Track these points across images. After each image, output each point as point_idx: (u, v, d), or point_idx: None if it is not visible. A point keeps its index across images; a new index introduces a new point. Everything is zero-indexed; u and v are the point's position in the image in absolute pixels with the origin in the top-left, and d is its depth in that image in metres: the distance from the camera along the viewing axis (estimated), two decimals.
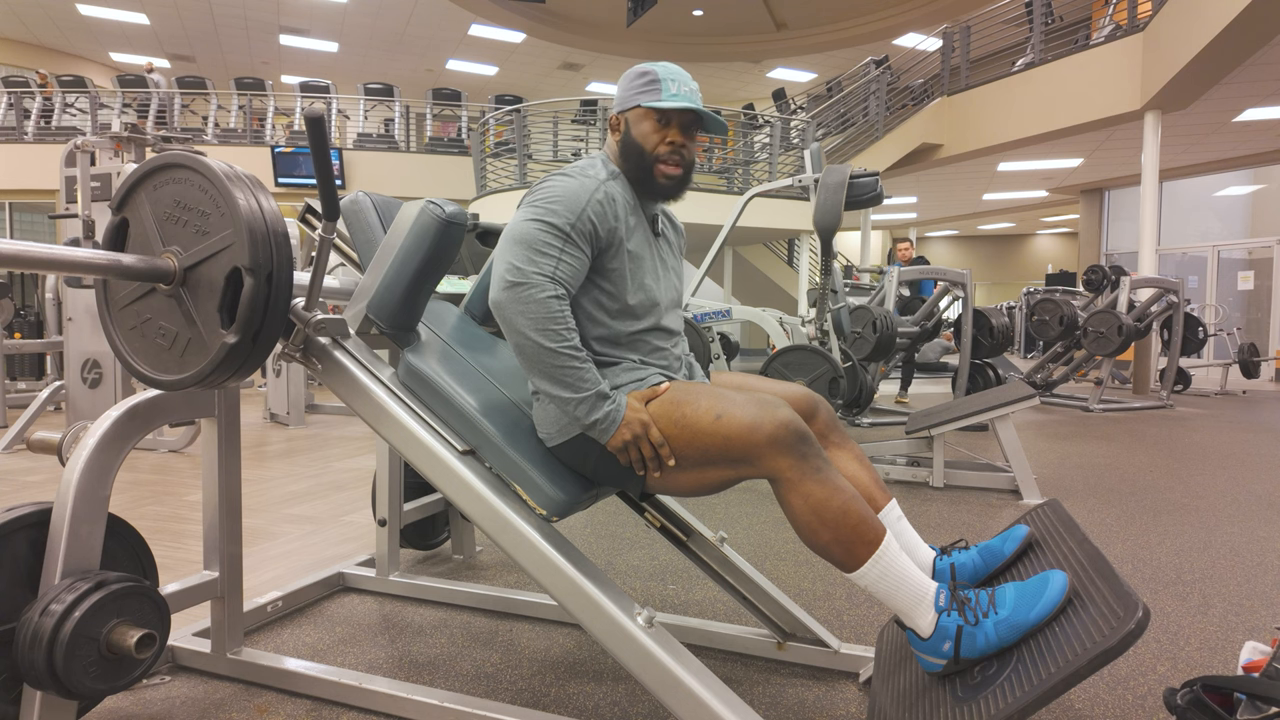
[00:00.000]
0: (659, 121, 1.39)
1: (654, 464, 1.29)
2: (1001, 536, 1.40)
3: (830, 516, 1.19)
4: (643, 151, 1.40)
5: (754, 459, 1.22)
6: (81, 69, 14.08)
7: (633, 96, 1.41)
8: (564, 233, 1.29)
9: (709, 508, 3.17)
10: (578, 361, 1.26)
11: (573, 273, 1.31)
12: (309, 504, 3.19)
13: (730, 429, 1.22)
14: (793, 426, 1.21)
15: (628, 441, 1.27)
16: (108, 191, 4.09)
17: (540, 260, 1.27)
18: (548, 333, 1.25)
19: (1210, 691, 1.24)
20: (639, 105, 1.40)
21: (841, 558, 1.21)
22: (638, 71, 1.42)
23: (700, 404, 1.27)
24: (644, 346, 1.42)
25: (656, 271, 1.45)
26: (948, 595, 1.22)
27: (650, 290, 1.42)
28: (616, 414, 1.27)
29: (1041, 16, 9.40)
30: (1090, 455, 4.47)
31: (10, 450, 4.31)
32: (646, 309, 1.42)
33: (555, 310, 1.26)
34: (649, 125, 1.40)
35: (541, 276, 1.26)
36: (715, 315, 5.17)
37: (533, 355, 1.26)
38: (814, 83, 15.17)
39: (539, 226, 1.29)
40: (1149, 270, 8.56)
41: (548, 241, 1.28)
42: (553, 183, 1.35)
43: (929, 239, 21.46)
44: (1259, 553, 2.59)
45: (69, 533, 1.28)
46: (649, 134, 1.40)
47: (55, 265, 1.15)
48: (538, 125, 11.35)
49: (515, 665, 1.73)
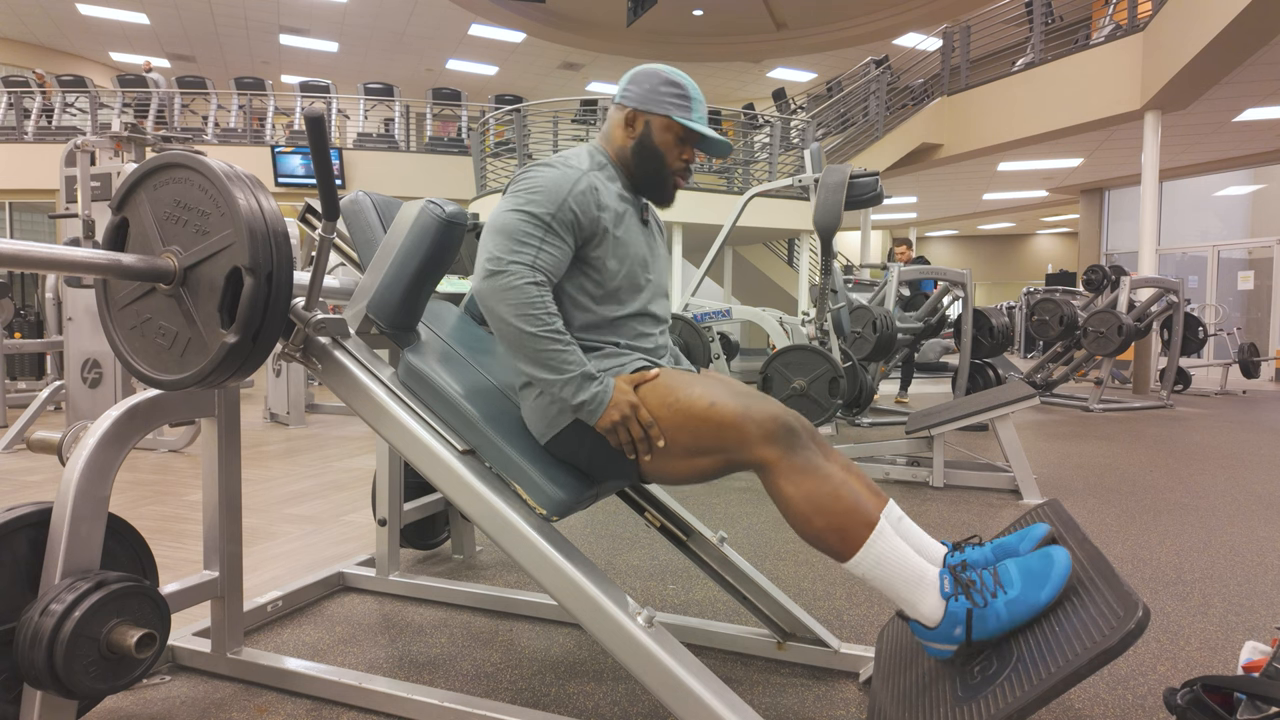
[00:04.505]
0: (682, 138, 1.44)
1: (644, 445, 1.30)
2: (1019, 534, 1.36)
3: (822, 502, 1.20)
4: (663, 161, 1.45)
5: (744, 446, 1.23)
6: (81, 69, 14.07)
7: (662, 103, 1.42)
8: (544, 222, 1.31)
9: (709, 508, 3.17)
10: (561, 344, 1.28)
11: (554, 262, 1.32)
12: (309, 504, 3.19)
13: (723, 415, 1.24)
14: (783, 419, 1.23)
15: (616, 422, 1.28)
16: (108, 191, 4.08)
17: (520, 250, 1.29)
18: (528, 318, 1.26)
19: (1210, 691, 1.24)
20: (669, 116, 1.42)
21: (836, 545, 1.21)
22: (667, 79, 1.43)
23: (694, 390, 1.28)
24: (629, 331, 1.43)
25: (645, 259, 1.47)
26: (952, 581, 1.21)
27: (636, 276, 1.43)
28: (604, 394, 1.28)
29: (1041, 16, 9.40)
30: (1090, 455, 4.47)
31: (10, 450, 4.31)
32: (632, 294, 1.43)
33: (534, 296, 1.27)
34: (672, 138, 1.44)
35: (520, 265, 1.28)
36: (715, 315, 5.17)
37: (515, 340, 1.27)
38: (814, 83, 15.17)
39: (520, 216, 1.31)
40: (1149, 270, 8.56)
41: (528, 231, 1.30)
42: (534, 173, 1.36)
43: (929, 239, 21.46)
44: (1259, 553, 2.59)
45: (69, 532, 1.28)
46: (671, 146, 1.44)
47: (55, 265, 1.15)
48: (538, 125, 11.34)
49: (515, 665, 1.73)
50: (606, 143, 1.48)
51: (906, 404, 6.93)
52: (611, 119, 1.47)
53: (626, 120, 1.45)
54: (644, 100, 1.43)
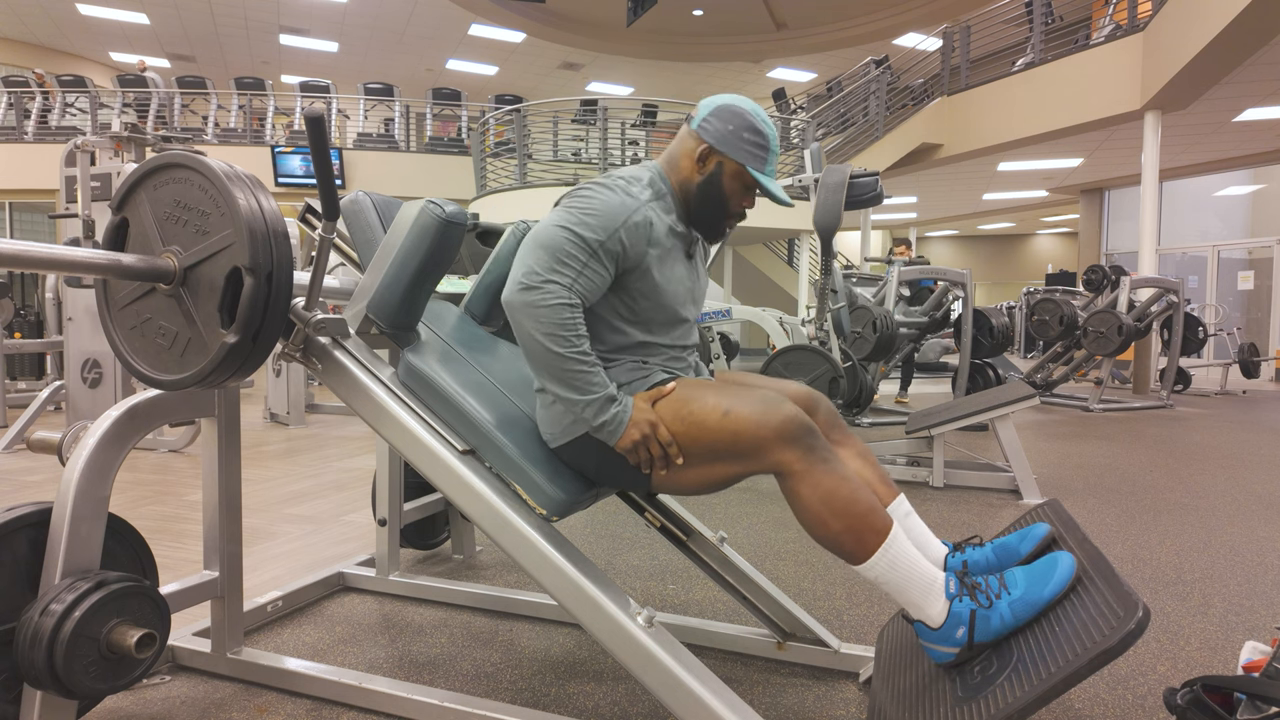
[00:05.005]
0: (747, 188, 1.41)
1: (662, 463, 1.29)
2: (1019, 534, 1.36)
3: (839, 505, 1.19)
4: (725, 204, 1.41)
5: (762, 453, 1.22)
6: (81, 69, 14.07)
7: (741, 150, 1.37)
8: (591, 248, 1.28)
9: (709, 508, 3.17)
10: (586, 366, 1.26)
11: (592, 288, 1.30)
12: (309, 504, 3.19)
13: (738, 424, 1.22)
14: (799, 420, 1.21)
15: (636, 442, 1.27)
16: (108, 191, 4.09)
17: (561, 270, 1.26)
18: (556, 338, 1.24)
19: (1210, 691, 1.24)
20: (745, 166, 1.37)
21: (852, 548, 1.20)
22: (752, 125, 1.37)
23: (707, 400, 1.27)
24: (658, 355, 1.42)
25: (684, 294, 1.44)
26: (957, 583, 1.22)
27: (671, 311, 1.41)
28: (624, 415, 1.27)
29: (1041, 16, 9.40)
30: (1090, 455, 4.47)
31: (10, 450, 4.31)
32: (665, 326, 1.42)
33: (566, 318, 1.25)
34: (740, 186, 1.40)
35: (558, 285, 1.25)
36: (715, 315, 5.17)
37: (541, 358, 1.26)
38: (814, 83, 15.17)
39: (567, 235, 1.27)
40: (1149, 270, 8.55)
41: (573, 254, 1.27)
42: (593, 193, 1.32)
43: (929, 239, 21.45)
44: (1259, 553, 2.59)
45: (69, 532, 1.28)
46: (736, 193, 1.41)
47: (55, 265, 1.15)
48: (538, 125, 11.35)
49: (515, 665, 1.73)
50: (671, 169, 1.43)
51: (906, 404, 6.93)
52: (683, 146, 1.41)
53: (700, 155, 1.39)
54: (724, 141, 1.37)
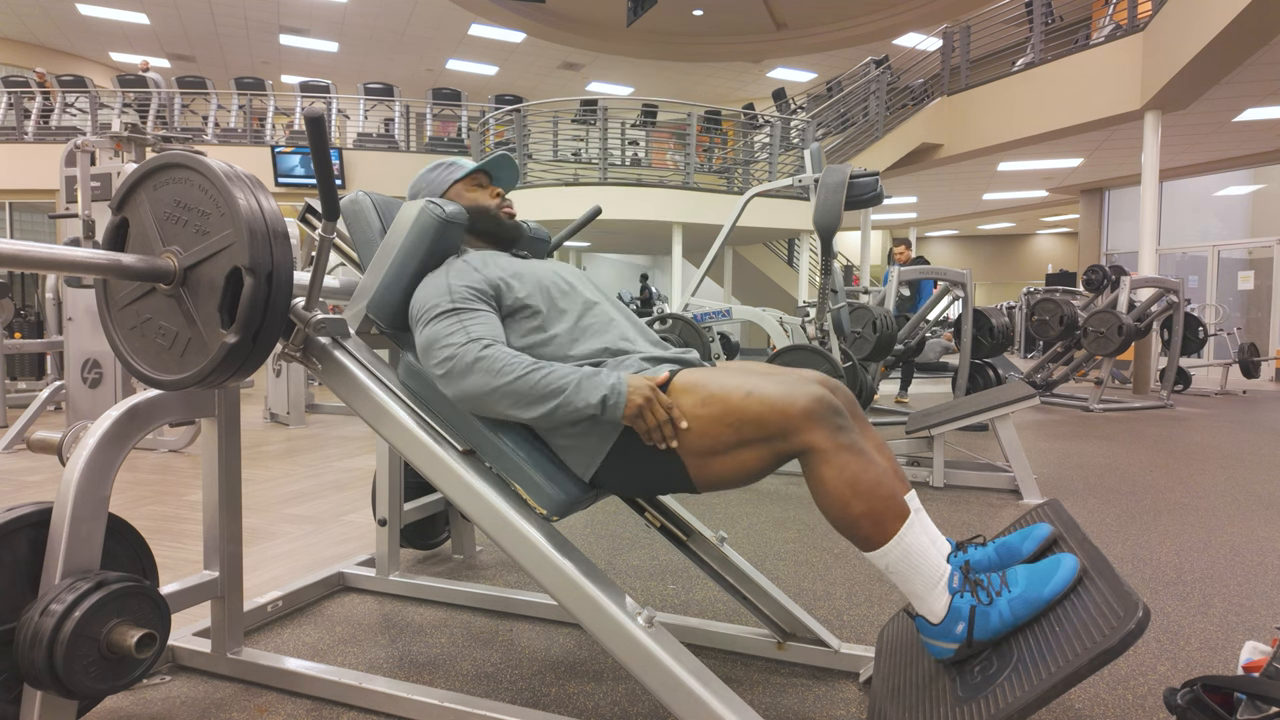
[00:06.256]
0: (480, 186, 1.67)
1: (669, 429, 1.25)
2: (1021, 534, 1.36)
3: (864, 488, 1.17)
4: (486, 208, 1.63)
5: (789, 433, 1.19)
6: (81, 69, 14.07)
7: (440, 180, 1.68)
8: (450, 309, 1.34)
9: (709, 508, 3.17)
10: (544, 369, 1.27)
11: (486, 327, 1.33)
12: (309, 504, 3.19)
13: (763, 404, 1.20)
14: (826, 400, 1.19)
15: (640, 406, 1.24)
16: (108, 191, 4.09)
17: (451, 337, 1.31)
18: (498, 373, 1.26)
19: (1210, 691, 1.24)
20: (452, 182, 1.66)
21: (869, 531, 1.18)
22: (429, 168, 1.69)
23: (728, 382, 1.25)
24: (617, 355, 1.40)
25: (549, 275, 1.50)
26: (960, 578, 1.21)
27: (568, 315, 1.45)
28: (620, 384, 1.24)
29: (1041, 16, 9.40)
30: (1090, 455, 4.47)
31: (10, 450, 4.31)
32: (577, 316, 1.45)
33: (492, 354, 1.28)
34: (475, 187, 1.67)
35: (459, 345, 1.29)
36: (715, 315, 5.17)
37: (509, 396, 1.26)
38: (814, 83, 15.17)
39: (430, 322, 1.35)
40: (1149, 270, 8.56)
41: (444, 324, 1.33)
42: (417, 293, 1.42)
43: (929, 239, 21.46)
44: (1259, 553, 2.59)
45: (69, 532, 1.28)
46: (481, 194, 1.67)
47: (55, 265, 1.15)
48: (538, 125, 11.35)
49: (515, 665, 1.73)
50: None
51: (906, 404, 6.93)
52: None
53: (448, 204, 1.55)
54: (431, 186, 1.65)
